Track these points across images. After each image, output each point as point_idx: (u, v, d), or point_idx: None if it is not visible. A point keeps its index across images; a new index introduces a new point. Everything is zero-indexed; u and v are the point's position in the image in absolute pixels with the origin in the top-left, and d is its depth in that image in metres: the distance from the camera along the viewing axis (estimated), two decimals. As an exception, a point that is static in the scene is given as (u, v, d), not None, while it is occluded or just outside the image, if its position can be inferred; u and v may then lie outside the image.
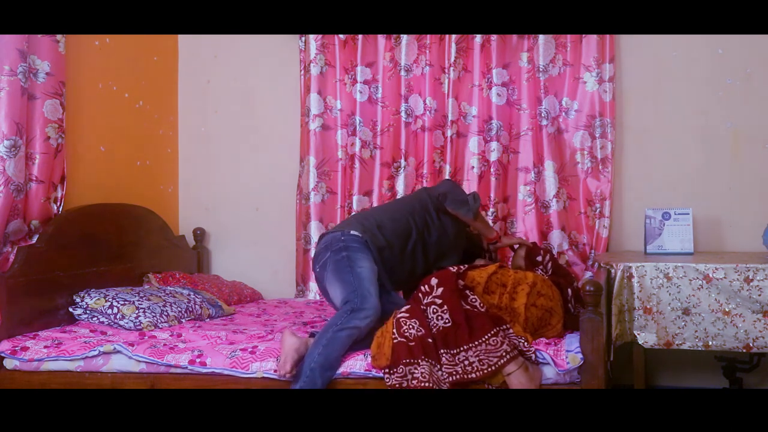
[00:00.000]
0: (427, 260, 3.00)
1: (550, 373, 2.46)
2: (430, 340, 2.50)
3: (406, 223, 2.94)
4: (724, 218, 3.54)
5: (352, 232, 2.86)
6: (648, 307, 2.91)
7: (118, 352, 2.69)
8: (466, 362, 2.43)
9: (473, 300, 2.59)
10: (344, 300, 2.67)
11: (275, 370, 2.56)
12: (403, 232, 2.92)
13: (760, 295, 2.81)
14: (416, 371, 2.43)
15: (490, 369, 2.41)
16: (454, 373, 2.42)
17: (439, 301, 2.55)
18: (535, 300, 2.67)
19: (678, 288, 2.89)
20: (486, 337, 2.47)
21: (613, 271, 2.95)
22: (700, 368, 3.52)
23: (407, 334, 2.51)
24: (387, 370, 2.46)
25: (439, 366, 2.46)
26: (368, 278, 2.72)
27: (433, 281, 2.62)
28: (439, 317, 2.53)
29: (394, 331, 2.53)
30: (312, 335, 2.69)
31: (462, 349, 2.46)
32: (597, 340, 2.41)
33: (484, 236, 3.16)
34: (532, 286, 2.69)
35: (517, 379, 2.40)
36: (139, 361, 2.67)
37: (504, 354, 2.42)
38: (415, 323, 2.53)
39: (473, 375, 2.41)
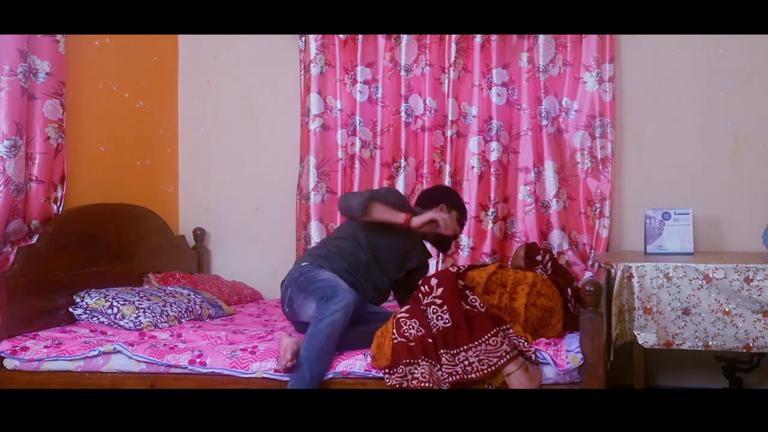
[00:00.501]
0: (386, 273, 2.96)
1: (550, 373, 2.46)
2: (430, 340, 2.50)
3: (351, 249, 2.89)
4: (724, 218, 3.54)
5: (302, 264, 2.86)
6: (648, 307, 2.91)
7: (118, 352, 2.69)
8: (466, 362, 2.43)
9: (473, 300, 2.59)
10: (317, 301, 2.65)
11: (275, 369, 2.56)
12: (352, 257, 2.88)
13: (760, 295, 2.81)
14: (416, 371, 2.43)
15: (489, 369, 2.41)
16: (454, 373, 2.42)
17: (438, 302, 2.55)
18: (535, 300, 2.67)
19: (678, 288, 2.89)
20: (486, 337, 2.47)
21: (613, 271, 2.95)
22: (700, 368, 3.52)
23: (407, 334, 2.51)
24: (387, 371, 2.46)
25: (439, 366, 2.46)
26: (332, 277, 2.72)
27: (433, 281, 2.62)
28: (439, 317, 2.53)
29: (394, 331, 2.53)
30: None
31: (462, 349, 2.46)
32: (597, 340, 2.41)
33: (395, 225, 2.86)
34: (532, 286, 2.69)
35: (517, 379, 2.40)
36: (139, 361, 2.67)
37: (504, 354, 2.42)
38: (415, 323, 2.53)
39: (473, 375, 2.41)
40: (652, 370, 3.58)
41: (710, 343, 2.87)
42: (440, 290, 2.58)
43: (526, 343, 2.49)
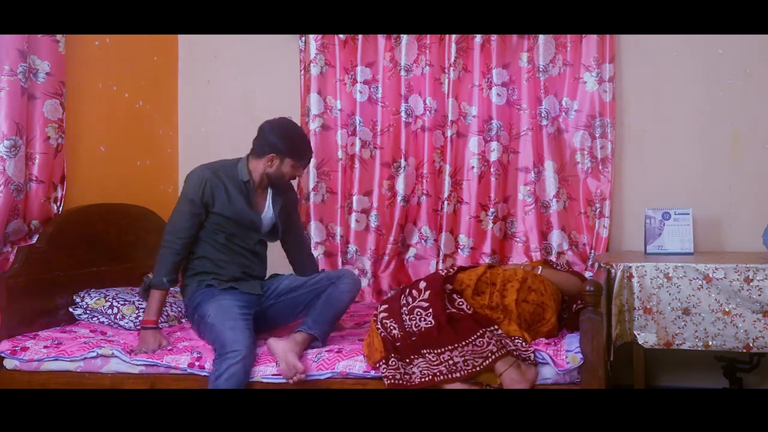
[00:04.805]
0: (251, 237, 2.90)
1: (549, 373, 2.46)
2: (414, 339, 2.53)
3: (211, 250, 2.85)
4: (724, 218, 3.54)
5: (194, 294, 2.81)
6: (648, 307, 2.91)
7: (116, 356, 2.69)
8: (451, 362, 2.44)
9: (460, 303, 2.61)
10: (214, 351, 2.62)
11: (274, 374, 2.56)
12: (221, 255, 2.85)
13: (760, 295, 2.81)
14: (412, 368, 2.45)
15: (474, 369, 2.41)
16: (438, 373, 2.43)
17: (425, 305, 2.58)
18: (525, 296, 2.69)
19: (678, 288, 2.89)
20: (472, 338, 2.48)
21: (613, 271, 2.95)
22: (700, 368, 3.52)
23: (392, 334, 2.56)
24: (383, 362, 2.47)
25: (427, 364, 2.47)
26: (219, 321, 2.64)
27: (422, 284, 2.66)
28: (422, 319, 2.55)
29: (380, 326, 2.58)
30: (299, 331, 2.68)
31: (447, 349, 2.47)
32: (597, 340, 2.41)
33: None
34: (522, 282, 2.71)
35: (508, 376, 2.41)
36: (138, 364, 2.66)
37: (489, 355, 2.43)
38: (395, 325, 2.58)
39: (458, 374, 2.41)
40: (652, 370, 3.58)
41: (710, 343, 2.87)
42: (428, 293, 2.60)
43: (524, 343, 2.49)
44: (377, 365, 2.48)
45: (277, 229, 2.97)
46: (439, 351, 2.47)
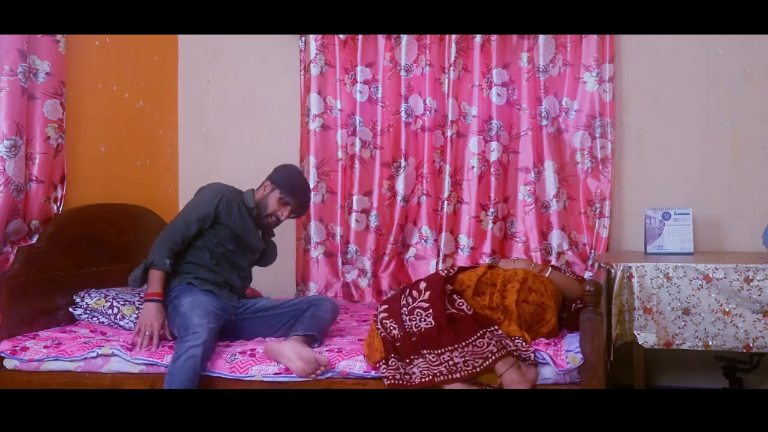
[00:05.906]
0: (245, 259, 3.07)
1: (549, 373, 2.46)
2: (414, 339, 2.52)
3: (208, 256, 2.94)
4: (724, 218, 3.54)
5: (172, 288, 2.87)
6: (648, 307, 2.91)
7: (116, 355, 2.69)
8: (451, 362, 2.44)
9: (460, 304, 2.61)
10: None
11: (276, 373, 2.56)
12: (211, 261, 2.95)
13: (760, 295, 2.81)
14: (412, 368, 2.45)
15: (475, 370, 2.41)
16: (438, 374, 2.43)
17: (425, 305, 2.58)
18: (526, 296, 2.69)
19: (678, 288, 2.89)
20: (472, 338, 2.48)
21: (613, 271, 2.95)
22: (700, 368, 3.52)
23: (392, 334, 2.56)
24: (383, 362, 2.47)
25: (427, 364, 2.47)
26: (189, 309, 2.71)
27: (422, 285, 2.66)
28: (423, 319, 2.55)
29: (380, 327, 2.58)
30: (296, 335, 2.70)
31: (447, 349, 2.47)
32: (597, 340, 2.41)
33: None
34: (523, 283, 2.71)
35: (509, 377, 2.41)
36: (138, 364, 2.67)
37: (489, 355, 2.43)
38: (395, 325, 2.57)
39: (457, 375, 2.41)
40: (652, 370, 3.58)
41: (710, 343, 2.87)
42: (428, 293, 2.60)
43: (524, 343, 2.49)
44: (377, 365, 2.49)
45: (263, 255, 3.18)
46: (439, 351, 2.47)
